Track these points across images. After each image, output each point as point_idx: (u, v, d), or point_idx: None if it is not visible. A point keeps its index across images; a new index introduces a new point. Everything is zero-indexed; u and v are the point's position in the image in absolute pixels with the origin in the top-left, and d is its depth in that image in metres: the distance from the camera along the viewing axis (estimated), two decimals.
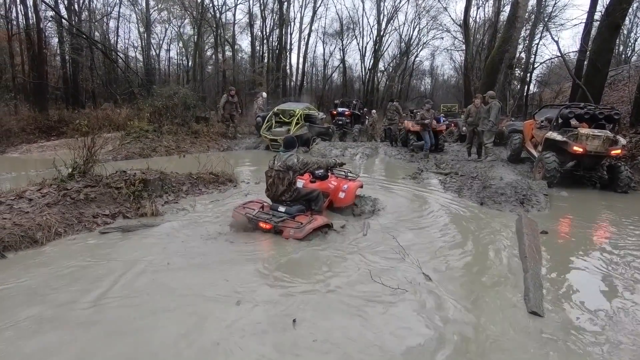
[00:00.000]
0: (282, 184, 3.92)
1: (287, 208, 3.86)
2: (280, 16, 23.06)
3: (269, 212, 3.93)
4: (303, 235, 3.57)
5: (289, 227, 3.64)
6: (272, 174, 3.97)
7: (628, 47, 23.46)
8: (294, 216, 3.77)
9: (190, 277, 2.85)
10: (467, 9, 19.31)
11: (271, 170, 3.99)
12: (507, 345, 2.23)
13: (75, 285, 2.69)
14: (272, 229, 3.70)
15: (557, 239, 4.35)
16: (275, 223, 3.67)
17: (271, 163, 4.02)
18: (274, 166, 3.95)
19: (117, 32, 22.28)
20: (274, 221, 3.68)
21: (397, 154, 10.29)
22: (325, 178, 4.47)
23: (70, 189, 4.12)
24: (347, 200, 4.53)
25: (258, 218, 3.73)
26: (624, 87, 13.58)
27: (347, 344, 2.15)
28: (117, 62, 17.34)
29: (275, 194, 3.99)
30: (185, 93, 11.67)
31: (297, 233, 3.57)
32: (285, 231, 3.63)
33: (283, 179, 3.90)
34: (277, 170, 3.92)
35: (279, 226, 3.67)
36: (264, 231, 3.75)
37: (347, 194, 4.51)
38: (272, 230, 3.72)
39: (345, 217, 4.47)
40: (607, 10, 9.80)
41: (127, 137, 9.49)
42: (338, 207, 4.57)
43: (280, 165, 3.89)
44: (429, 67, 34.95)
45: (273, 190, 4.00)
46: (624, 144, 6.58)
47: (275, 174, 3.94)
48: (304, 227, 3.60)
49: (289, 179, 3.88)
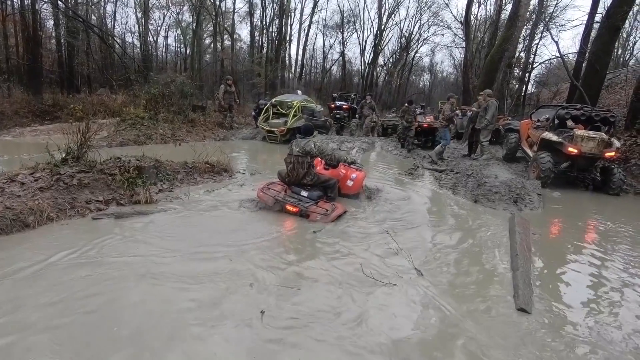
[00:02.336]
0: (302, 167, 4.28)
1: (309, 193, 4.20)
2: (280, 6, 22.83)
3: (293, 195, 4.23)
4: (329, 220, 3.91)
5: (316, 212, 3.97)
6: (292, 160, 4.31)
7: (627, 50, 23.56)
8: (317, 202, 4.10)
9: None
10: (469, 5, 19.21)
11: (290, 157, 4.32)
12: (494, 341, 2.26)
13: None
14: (298, 212, 4.00)
15: (549, 238, 4.40)
16: (303, 207, 3.98)
17: (290, 150, 4.36)
18: (293, 152, 4.30)
19: (114, 17, 21.91)
20: (302, 205, 4.00)
21: (394, 149, 10.29)
22: (337, 166, 4.84)
23: (64, 174, 4.08)
24: (354, 189, 4.82)
25: (286, 200, 4.08)
26: (620, 90, 13.66)
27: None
28: (114, 47, 17.02)
29: (297, 178, 4.32)
30: (183, 81, 11.53)
31: (324, 219, 3.91)
32: (312, 216, 3.96)
33: (302, 163, 4.26)
34: (296, 156, 4.27)
35: (306, 211, 3.97)
36: (289, 213, 4.04)
37: (355, 183, 4.80)
38: (298, 213, 4.00)
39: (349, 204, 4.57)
40: (608, 13, 9.81)
41: (122, 124, 9.38)
42: (345, 194, 4.78)
43: (299, 150, 4.27)
44: (429, 63, 34.98)
45: (294, 175, 4.33)
46: (618, 147, 6.64)
47: (294, 159, 4.29)
48: (330, 214, 3.95)
49: (308, 162, 4.25)
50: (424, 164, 8.05)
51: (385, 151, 10.18)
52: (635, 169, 7.44)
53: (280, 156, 8.75)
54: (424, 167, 7.73)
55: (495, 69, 14.61)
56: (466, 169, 7.22)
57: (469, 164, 7.88)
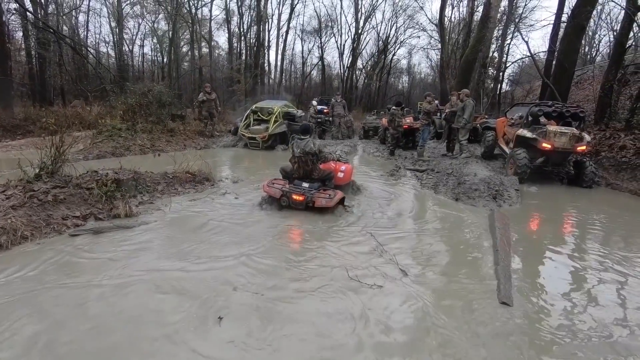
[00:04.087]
0: (307, 165, 4.76)
1: (310, 184, 4.64)
2: (257, 13, 22.82)
3: (296, 186, 4.64)
4: (333, 203, 4.37)
5: (320, 197, 4.39)
6: (296, 160, 4.76)
7: (593, 48, 24.66)
8: (318, 190, 4.55)
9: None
10: (442, 8, 19.71)
11: (294, 157, 4.79)
12: (478, 334, 2.31)
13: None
14: (305, 199, 4.39)
15: (527, 232, 4.53)
16: (309, 195, 4.40)
17: (292, 152, 4.82)
18: (296, 153, 4.75)
19: (87, 27, 21.52)
20: (308, 193, 4.42)
21: (375, 151, 10.40)
22: (328, 161, 5.29)
23: (38, 190, 3.95)
24: (345, 179, 5.28)
25: (291, 191, 4.49)
26: (589, 86, 14.25)
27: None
28: (88, 58, 16.66)
29: (305, 174, 4.77)
30: (160, 90, 11.34)
31: (328, 202, 4.34)
32: (317, 201, 4.36)
33: (306, 162, 4.74)
34: (299, 157, 4.72)
35: (312, 197, 4.38)
36: (296, 203, 4.41)
37: (345, 174, 5.29)
38: (304, 201, 4.38)
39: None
40: (573, 13, 10.23)
41: (99, 136, 9.15)
42: (337, 184, 5.11)
43: (300, 152, 4.71)
44: (407, 65, 35.55)
45: (301, 172, 4.78)
46: (588, 141, 6.91)
47: (298, 159, 4.75)
48: (333, 198, 4.38)
49: (312, 159, 4.74)
50: (406, 165, 8.17)
51: (367, 154, 10.28)
52: (606, 161, 7.75)
53: (262, 162, 8.73)
54: (406, 168, 7.84)
55: (470, 69, 15.01)
56: (446, 168, 7.37)
57: (449, 162, 8.04)
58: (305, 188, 4.57)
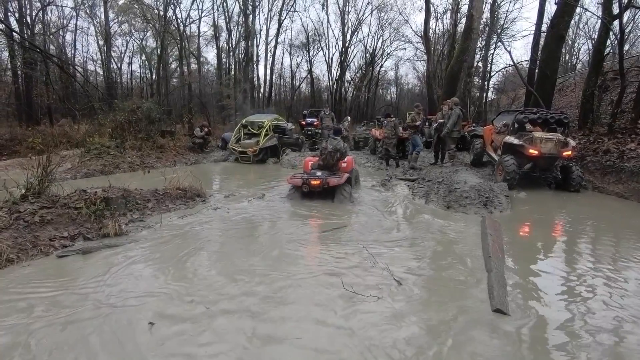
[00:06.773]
0: (332, 159, 6.03)
1: (322, 172, 5.80)
2: (245, 28, 23.03)
3: (312, 174, 5.77)
4: (343, 180, 5.63)
5: (332, 179, 5.58)
6: (326, 153, 6.03)
7: (573, 55, 25.45)
8: (329, 176, 5.68)
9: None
10: (427, 21, 20.21)
11: (325, 150, 6.06)
12: (473, 342, 2.30)
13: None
14: (321, 183, 5.51)
15: (519, 238, 4.57)
16: (323, 179, 5.53)
17: (325, 145, 6.15)
18: (328, 147, 6.05)
19: (75, 45, 21.45)
20: (323, 178, 5.55)
21: (366, 161, 10.47)
22: (345, 158, 6.33)
23: (24, 212, 3.87)
24: (348, 168, 6.28)
25: (310, 177, 5.63)
26: (571, 93, 14.63)
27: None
28: (75, 77, 16.57)
29: (327, 165, 6.02)
30: (149, 107, 11.34)
31: (339, 180, 5.59)
32: (331, 181, 5.53)
33: (333, 156, 6.03)
34: (329, 151, 6.00)
35: (326, 180, 5.53)
36: (314, 186, 5.51)
37: (347, 164, 6.32)
38: (321, 184, 5.50)
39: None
40: (552, 23, 10.57)
41: (87, 154, 9.06)
42: (343, 170, 6.12)
43: (332, 148, 6.02)
44: (394, 76, 36.11)
45: (325, 163, 6.05)
46: (574, 146, 7.06)
47: (327, 153, 6.02)
48: (342, 177, 5.70)
49: (337, 157, 6.04)
50: (397, 175, 8.22)
51: (358, 165, 10.30)
52: (592, 165, 7.91)
53: (254, 177, 8.71)
54: (397, 178, 7.89)
55: (456, 78, 15.30)
56: (437, 177, 7.43)
57: (439, 171, 8.12)
58: (319, 175, 5.69)
